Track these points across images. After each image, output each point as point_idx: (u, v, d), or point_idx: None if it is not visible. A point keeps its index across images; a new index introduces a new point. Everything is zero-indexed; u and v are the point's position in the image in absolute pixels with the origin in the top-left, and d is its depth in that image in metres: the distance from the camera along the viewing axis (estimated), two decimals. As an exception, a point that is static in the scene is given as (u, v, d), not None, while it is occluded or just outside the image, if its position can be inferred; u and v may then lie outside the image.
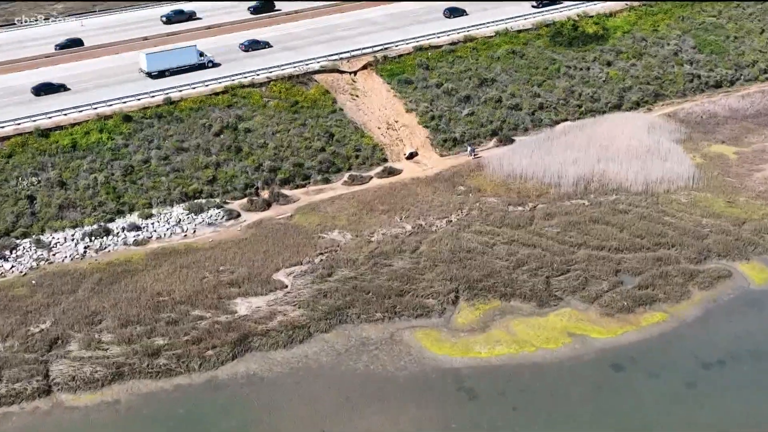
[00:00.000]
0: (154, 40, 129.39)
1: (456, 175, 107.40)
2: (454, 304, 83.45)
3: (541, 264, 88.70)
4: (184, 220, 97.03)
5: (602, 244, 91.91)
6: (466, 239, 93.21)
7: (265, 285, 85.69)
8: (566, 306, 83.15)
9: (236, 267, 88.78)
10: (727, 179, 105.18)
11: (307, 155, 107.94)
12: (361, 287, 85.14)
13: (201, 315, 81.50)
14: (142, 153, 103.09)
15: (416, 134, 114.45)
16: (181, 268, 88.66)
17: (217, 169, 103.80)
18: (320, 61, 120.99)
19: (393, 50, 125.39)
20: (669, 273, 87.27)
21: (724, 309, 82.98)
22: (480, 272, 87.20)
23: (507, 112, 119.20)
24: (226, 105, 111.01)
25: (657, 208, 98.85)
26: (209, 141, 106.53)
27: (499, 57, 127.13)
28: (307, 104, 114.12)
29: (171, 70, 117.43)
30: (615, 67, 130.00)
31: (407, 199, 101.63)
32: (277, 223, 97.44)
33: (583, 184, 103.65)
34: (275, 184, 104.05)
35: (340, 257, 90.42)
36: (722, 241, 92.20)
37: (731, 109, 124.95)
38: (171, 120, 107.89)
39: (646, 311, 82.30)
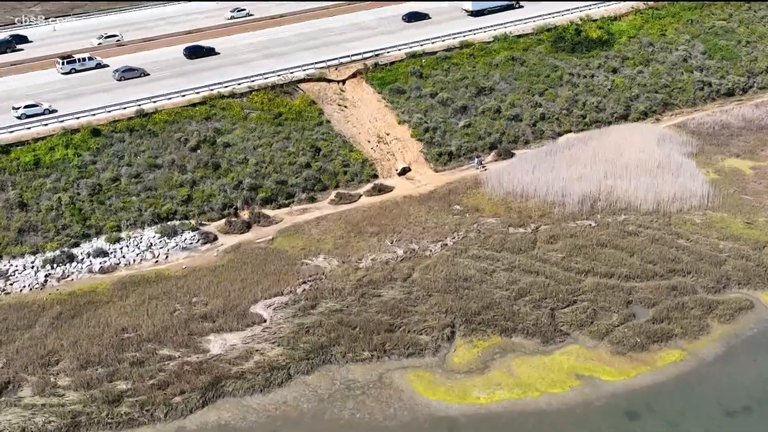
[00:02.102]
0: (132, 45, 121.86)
1: (452, 192, 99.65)
2: (450, 341, 75.72)
3: (545, 294, 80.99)
4: (155, 245, 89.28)
5: (611, 270, 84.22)
6: (463, 265, 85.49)
7: (242, 319, 77.93)
8: (573, 342, 75.46)
9: (210, 298, 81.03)
10: (744, 197, 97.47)
11: (290, 172, 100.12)
12: (348, 321, 77.34)
13: (169, 354, 73.67)
14: (112, 170, 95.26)
15: (409, 148, 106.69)
16: (150, 299, 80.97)
17: (192, 188, 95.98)
18: (306, 69, 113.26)
19: (384, 57, 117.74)
20: (685, 304, 79.60)
21: (748, 345, 75.29)
22: (478, 303, 79.48)
23: (506, 124, 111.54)
24: (203, 117, 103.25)
25: (670, 229, 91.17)
26: (185, 157, 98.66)
27: (497, 64, 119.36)
28: (291, 116, 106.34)
29: (489, 9, 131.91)
30: (621, 75, 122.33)
31: (399, 220, 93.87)
32: (257, 247, 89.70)
33: (589, 203, 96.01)
34: (256, 204, 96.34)
35: (324, 286, 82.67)
36: (742, 267, 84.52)
37: (745, 119, 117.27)
38: (144, 134, 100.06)
39: (661, 349, 74.58)
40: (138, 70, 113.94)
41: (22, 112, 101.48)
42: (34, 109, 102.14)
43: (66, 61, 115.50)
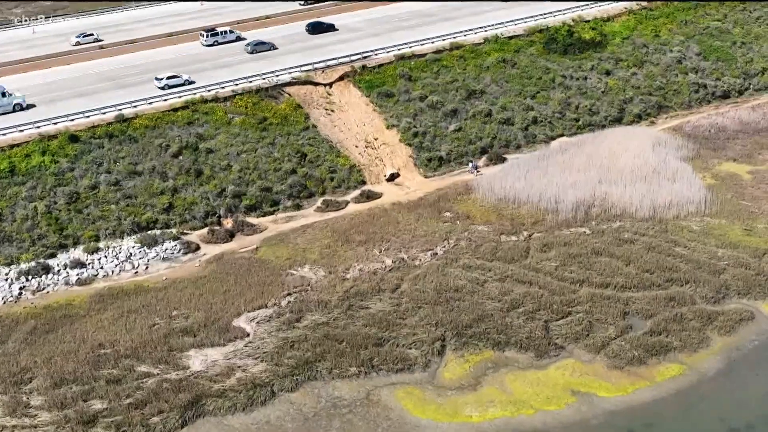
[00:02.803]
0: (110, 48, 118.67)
1: (442, 199, 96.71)
2: (440, 355, 72.70)
3: (539, 305, 78.04)
4: (135, 255, 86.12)
5: (607, 280, 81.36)
6: (454, 275, 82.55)
7: (224, 333, 74.76)
8: (568, 356, 72.49)
9: (191, 311, 77.90)
10: (743, 203, 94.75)
11: (275, 178, 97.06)
12: (334, 335, 74.26)
13: (148, 371, 70.43)
14: (90, 178, 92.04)
15: (398, 153, 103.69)
16: (128, 312, 77.76)
17: (174, 196, 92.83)
18: (292, 72, 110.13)
19: (372, 59, 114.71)
20: (684, 315, 76.75)
21: (749, 359, 72.44)
22: (469, 316, 76.49)
23: (498, 128, 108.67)
24: (185, 122, 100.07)
25: (666, 237, 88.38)
26: (166, 163, 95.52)
27: (488, 66, 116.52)
28: (276, 120, 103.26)
29: None
30: (614, 77, 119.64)
31: (387, 228, 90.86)
32: (240, 257, 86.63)
33: (583, 210, 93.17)
34: (239, 212, 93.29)
35: (310, 298, 79.59)
36: (742, 277, 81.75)
37: (741, 122, 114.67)
38: (123, 140, 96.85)
39: (660, 363, 71.66)
40: (268, 44, 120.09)
41: (165, 82, 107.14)
42: (176, 80, 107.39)
43: (210, 34, 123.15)
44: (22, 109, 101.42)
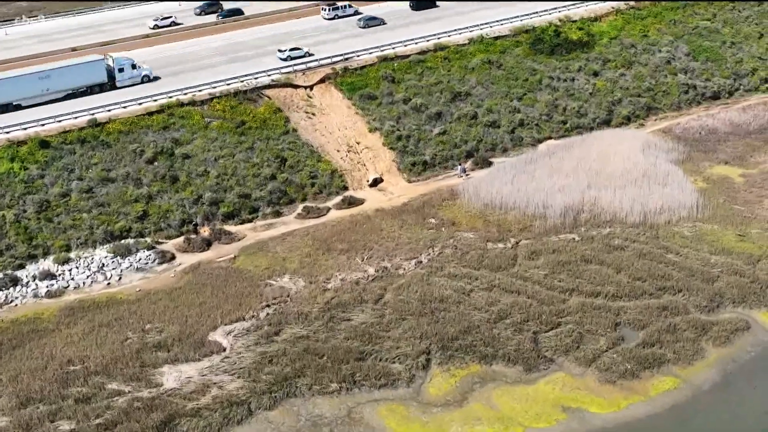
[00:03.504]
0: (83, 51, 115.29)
1: (426, 204, 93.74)
2: (425, 370, 69.73)
3: (527, 316, 75.19)
4: (107, 265, 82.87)
5: (597, 289, 78.62)
6: (439, 285, 79.63)
7: (199, 348, 71.64)
8: (558, 370, 69.68)
9: (166, 324, 74.74)
10: (735, 207, 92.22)
11: (254, 184, 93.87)
12: (314, 349, 71.17)
13: (119, 389, 67.24)
14: (61, 185, 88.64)
15: (381, 157, 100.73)
16: (99, 326, 74.59)
17: (148, 203, 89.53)
18: (271, 74, 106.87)
19: (354, 61, 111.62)
20: (677, 326, 74.07)
21: (746, 371, 69.79)
22: (455, 327, 73.58)
23: (483, 131, 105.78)
24: (161, 127, 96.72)
25: (658, 243, 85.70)
26: (140, 169, 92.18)
27: (473, 68, 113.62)
28: (255, 124, 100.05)
29: None
30: (602, 78, 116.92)
31: (370, 236, 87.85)
32: (217, 266, 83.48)
33: (572, 215, 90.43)
34: (217, 220, 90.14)
35: (290, 310, 76.55)
36: (736, 284, 79.15)
37: (732, 123, 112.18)
38: (96, 145, 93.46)
39: (653, 376, 68.93)
40: (379, 19, 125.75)
41: (287, 54, 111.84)
42: (297, 51, 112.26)
43: (330, 8, 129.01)
44: (150, 81, 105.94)
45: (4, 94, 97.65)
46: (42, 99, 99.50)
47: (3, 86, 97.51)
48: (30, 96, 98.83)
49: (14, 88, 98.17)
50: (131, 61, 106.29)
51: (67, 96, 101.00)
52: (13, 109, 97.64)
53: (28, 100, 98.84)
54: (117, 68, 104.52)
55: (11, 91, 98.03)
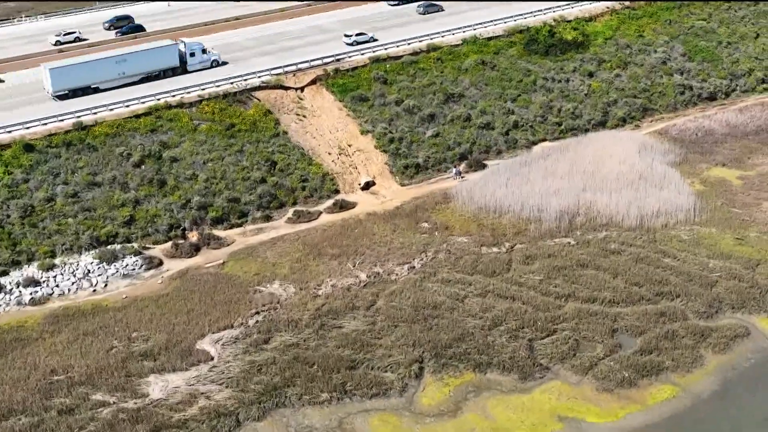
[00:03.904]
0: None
1: (419, 208, 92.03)
2: (418, 379, 68.05)
3: (522, 323, 73.56)
4: (93, 272, 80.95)
5: (593, 295, 77.03)
6: (432, 291, 77.97)
7: (186, 357, 69.85)
8: (554, 378, 68.07)
9: (152, 333, 72.90)
10: (733, 210, 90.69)
11: (244, 188, 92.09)
12: (304, 358, 69.42)
13: (103, 400, 65.44)
14: (46, 189, 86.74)
15: (373, 160, 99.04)
16: (84, 335, 72.69)
17: (135, 208, 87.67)
18: (261, 76, 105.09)
19: (346, 62, 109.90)
20: (676, 332, 72.51)
21: (746, 379, 68.26)
22: (449, 335, 71.92)
23: (477, 133, 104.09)
24: (148, 129, 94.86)
25: (655, 247, 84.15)
26: (127, 173, 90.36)
27: (467, 68, 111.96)
28: (245, 127, 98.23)
29: None
30: (597, 79, 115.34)
31: (362, 240, 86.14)
32: (206, 272, 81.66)
33: (567, 219, 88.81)
34: (205, 224, 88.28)
35: (279, 317, 74.79)
36: (735, 289, 77.66)
37: (729, 124, 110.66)
38: (82, 149, 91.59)
39: (651, 384, 67.36)
40: (437, 5, 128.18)
41: (354, 39, 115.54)
42: (363, 36, 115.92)
43: None
44: (218, 65, 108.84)
45: (84, 77, 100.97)
46: (118, 82, 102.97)
47: (83, 70, 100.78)
48: (108, 79, 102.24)
49: (93, 72, 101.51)
50: (201, 45, 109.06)
51: (141, 80, 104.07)
52: (92, 92, 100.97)
53: (106, 84, 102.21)
54: (188, 53, 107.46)
55: (90, 74, 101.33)
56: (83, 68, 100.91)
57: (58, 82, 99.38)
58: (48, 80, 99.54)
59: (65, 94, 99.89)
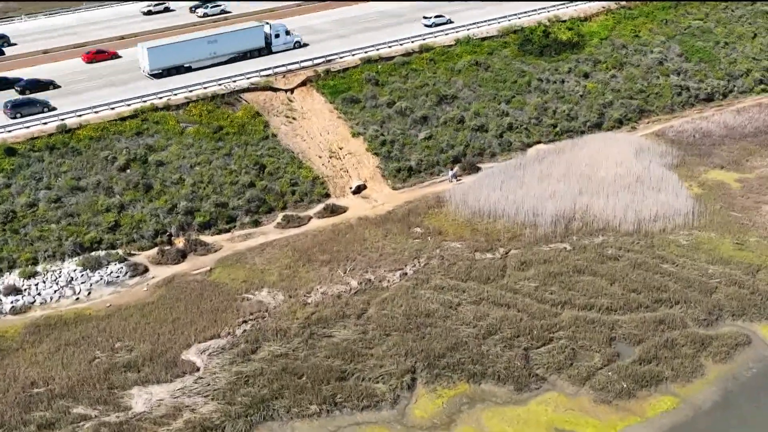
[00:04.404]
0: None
1: (412, 213, 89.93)
2: (411, 390, 66.04)
3: (518, 331, 71.54)
4: (76, 279, 78.72)
5: (590, 302, 75.06)
6: (425, 298, 75.92)
7: (172, 368, 67.75)
8: (551, 389, 66.11)
9: (137, 342, 70.74)
10: (733, 214, 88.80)
11: (232, 192, 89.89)
12: (293, 369, 67.31)
13: (84, 414, 63.32)
14: (28, 194, 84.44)
15: (364, 163, 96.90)
16: (66, 345, 70.52)
17: (120, 213, 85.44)
18: (250, 77, 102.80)
19: (337, 63, 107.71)
20: (675, 341, 70.59)
21: (748, 389, 66.44)
22: (442, 344, 69.88)
23: (471, 135, 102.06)
24: (134, 132, 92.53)
25: (653, 252, 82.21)
26: (112, 177, 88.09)
27: (460, 69, 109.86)
28: (233, 129, 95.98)
29: None
30: (593, 80, 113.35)
31: (353, 246, 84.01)
32: (192, 280, 79.46)
33: (563, 223, 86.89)
34: (192, 230, 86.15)
35: (268, 326, 72.66)
36: (735, 296, 75.79)
37: (727, 126, 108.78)
38: (66, 152, 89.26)
39: (651, 395, 65.46)
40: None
41: (432, 21, 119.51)
42: (440, 18, 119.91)
43: None
44: (300, 47, 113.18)
45: (179, 57, 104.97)
46: (209, 62, 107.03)
47: (178, 49, 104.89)
48: (200, 59, 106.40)
49: (187, 52, 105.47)
50: (285, 27, 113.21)
51: (229, 60, 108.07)
52: (185, 71, 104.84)
53: (198, 63, 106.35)
54: (273, 34, 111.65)
55: (184, 54, 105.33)
56: (178, 48, 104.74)
57: (155, 61, 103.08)
58: (145, 59, 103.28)
59: (160, 72, 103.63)
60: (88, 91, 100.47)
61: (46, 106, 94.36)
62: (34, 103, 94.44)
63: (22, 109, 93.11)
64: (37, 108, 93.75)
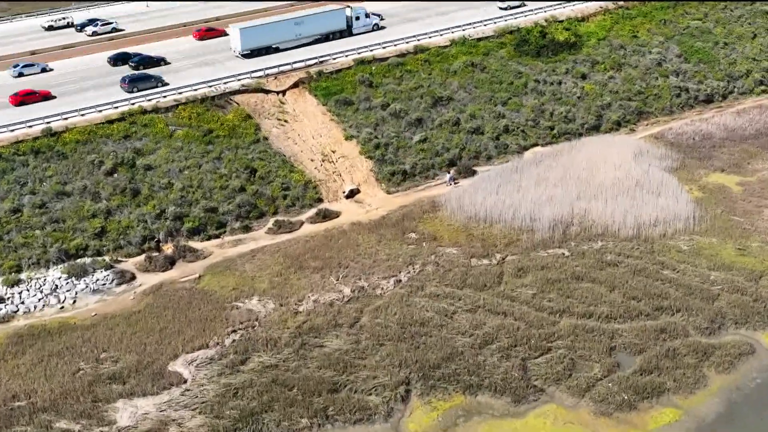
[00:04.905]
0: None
1: (406, 217, 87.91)
2: (405, 402, 63.94)
3: (515, 340, 69.48)
4: (61, 287, 76.67)
5: (590, 310, 73.03)
6: (420, 306, 73.88)
7: (158, 380, 65.66)
8: (549, 401, 64.05)
9: (122, 353, 68.67)
10: (734, 218, 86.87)
11: (222, 197, 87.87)
12: (284, 380, 65.20)
13: (67, 428, 61.32)
14: (12, 200, 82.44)
15: (358, 167, 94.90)
16: (49, 356, 68.42)
17: (107, 219, 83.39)
18: (241, 78, 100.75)
19: (330, 64, 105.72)
20: (677, 350, 68.52)
21: (752, 400, 64.34)
22: (437, 354, 67.80)
23: (467, 137, 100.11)
24: (122, 136, 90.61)
25: (653, 258, 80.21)
26: (99, 182, 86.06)
27: (455, 71, 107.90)
28: (223, 132, 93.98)
29: None
30: (591, 81, 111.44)
31: (346, 252, 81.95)
32: (181, 287, 77.43)
33: (561, 229, 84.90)
34: (181, 236, 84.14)
35: (258, 336, 70.56)
36: (738, 303, 73.79)
37: (727, 128, 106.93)
38: (51, 156, 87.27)
39: (652, 407, 63.36)
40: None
41: (507, 4, 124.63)
42: (516, 2, 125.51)
43: None
44: (378, 29, 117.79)
45: (268, 37, 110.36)
46: (295, 43, 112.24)
47: (267, 31, 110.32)
48: (286, 40, 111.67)
49: (275, 33, 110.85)
50: (365, 10, 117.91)
51: (313, 41, 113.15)
52: (273, 52, 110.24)
53: (285, 44, 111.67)
54: (354, 17, 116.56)
55: (273, 35, 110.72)
56: (267, 29, 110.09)
57: (247, 41, 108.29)
58: (237, 40, 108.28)
59: (249, 53, 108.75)
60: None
61: (160, 81, 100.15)
62: (149, 78, 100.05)
63: (138, 84, 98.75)
64: (152, 83, 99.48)
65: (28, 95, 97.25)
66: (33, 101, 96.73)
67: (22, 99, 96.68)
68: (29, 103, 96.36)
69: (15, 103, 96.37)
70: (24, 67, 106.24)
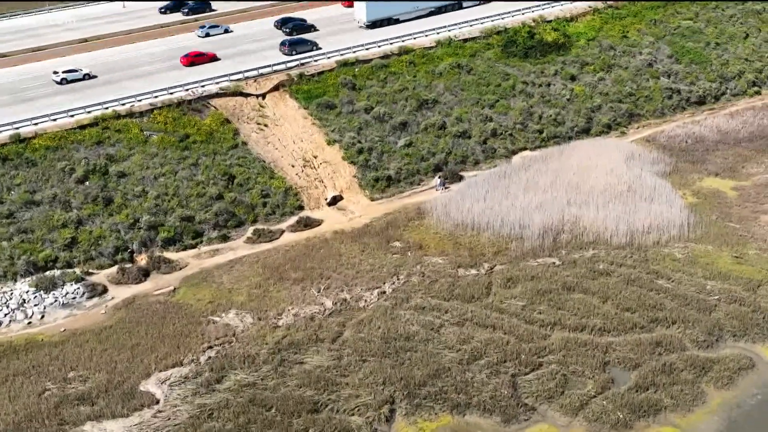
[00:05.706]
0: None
1: (391, 225, 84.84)
2: (389, 423, 60.94)
3: (504, 356, 66.44)
4: (29, 301, 73.30)
5: (582, 322, 70.12)
6: (405, 319, 70.84)
7: (129, 400, 62.45)
8: (541, 420, 61.17)
9: (91, 372, 65.44)
10: (730, 225, 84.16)
11: (199, 205, 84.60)
12: (261, 400, 61.99)
13: (31, 454, 57.61)
14: (-23, 209, 78.77)
15: (340, 173, 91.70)
16: (14, 375, 65.23)
17: (78, 229, 79.98)
18: (219, 82, 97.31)
19: (311, 66, 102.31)
20: (674, 365, 65.72)
21: (753, 418, 61.74)
22: (423, 370, 64.71)
23: (453, 142, 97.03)
24: (94, 142, 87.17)
25: (647, 267, 77.40)
26: (69, 190, 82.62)
27: (441, 72, 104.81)
28: (200, 138, 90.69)
29: None
30: (580, 82, 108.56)
31: (328, 262, 78.73)
32: (155, 301, 74.16)
33: (551, 236, 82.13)
34: (156, 246, 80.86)
35: (235, 352, 67.33)
36: (736, 314, 71.10)
37: (720, 131, 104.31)
38: (19, 163, 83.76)
39: (649, 426, 60.58)
40: None
41: None
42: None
43: None
44: (486, 2, 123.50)
45: (390, 9, 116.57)
46: (413, 15, 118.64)
47: (389, 3, 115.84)
48: (406, 11, 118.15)
49: (397, 5, 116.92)
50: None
51: (428, 14, 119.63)
52: (394, 23, 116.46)
53: (404, 15, 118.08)
54: None
55: (394, 7, 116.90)
56: (389, 1, 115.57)
57: (372, 12, 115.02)
58: (363, 11, 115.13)
59: (373, 23, 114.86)
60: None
61: (315, 45, 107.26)
62: (305, 42, 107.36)
63: (297, 47, 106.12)
64: (308, 46, 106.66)
65: (198, 56, 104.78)
66: (201, 62, 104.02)
67: (192, 60, 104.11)
68: (198, 64, 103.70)
69: (186, 63, 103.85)
70: (210, 27, 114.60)
